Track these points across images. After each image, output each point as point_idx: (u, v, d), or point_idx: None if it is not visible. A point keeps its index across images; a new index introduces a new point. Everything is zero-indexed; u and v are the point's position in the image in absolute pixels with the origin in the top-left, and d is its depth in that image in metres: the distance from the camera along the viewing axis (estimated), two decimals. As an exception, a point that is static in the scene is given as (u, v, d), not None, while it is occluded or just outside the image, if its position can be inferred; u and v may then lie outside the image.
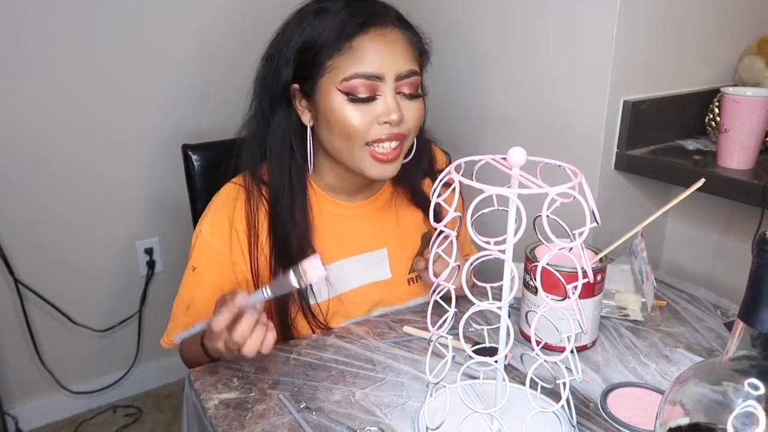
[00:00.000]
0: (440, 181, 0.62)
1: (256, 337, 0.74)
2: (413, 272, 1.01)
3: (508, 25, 1.29)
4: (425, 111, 0.94)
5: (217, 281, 0.92)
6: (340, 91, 0.83)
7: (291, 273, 0.76)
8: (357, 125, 0.84)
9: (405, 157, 0.92)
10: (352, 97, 0.83)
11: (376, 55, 0.83)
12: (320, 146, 0.91)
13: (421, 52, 0.90)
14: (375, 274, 0.99)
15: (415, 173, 0.99)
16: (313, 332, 0.93)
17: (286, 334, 0.92)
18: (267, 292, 0.77)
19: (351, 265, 0.97)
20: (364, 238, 0.98)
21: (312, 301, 0.93)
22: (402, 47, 0.85)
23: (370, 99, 0.84)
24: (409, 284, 1.02)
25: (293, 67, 0.86)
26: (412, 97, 0.87)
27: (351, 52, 0.82)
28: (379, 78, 0.83)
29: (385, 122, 0.84)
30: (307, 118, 0.89)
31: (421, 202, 1.01)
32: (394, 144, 0.86)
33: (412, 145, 0.93)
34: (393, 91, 0.84)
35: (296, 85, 0.88)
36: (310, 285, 0.91)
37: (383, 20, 0.84)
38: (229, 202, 0.92)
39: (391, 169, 0.88)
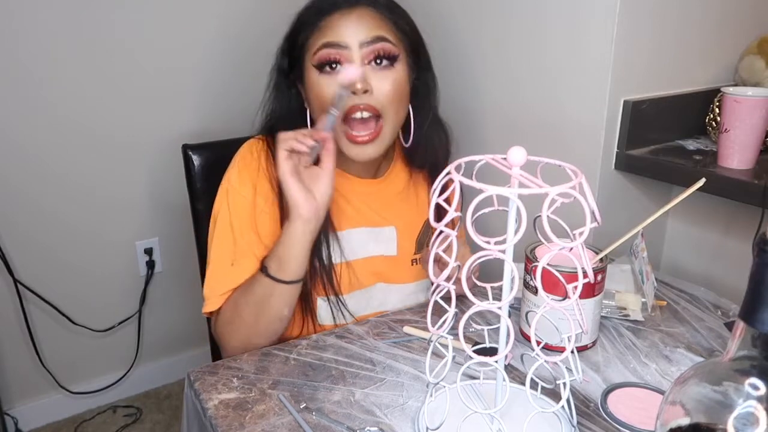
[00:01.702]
0: (440, 181, 0.62)
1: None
2: (419, 254, 1.04)
3: (508, 25, 1.28)
4: (435, 91, 0.99)
5: (253, 230, 0.93)
6: (313, 66, 0.89)
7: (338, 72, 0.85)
8: (326, 94, 0.88)
9: (405, 140, 0.97)
10: (321, 66, 0.88)
11: (342, 27, 0.88)
12: None
13: (400, 27, 0.92)
14: (381, 248, 1.01)
15: (430, 155, 1.02)
16: (327, 295, 0.95)
17: (304, 303, 0.94)
18: (333, 112, 0.84)
19: (358, 235, 0.99)
20: (373, 213, 1.01)
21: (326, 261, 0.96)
22: (371, 20, 0.89)
23: (335, 66, 0.88)
24: (412, 264, 1.04)
25: (287, 57, 0.94)
26: (381, 63, 0.89)
27: (321, 29, 0.89)
28: (343, 46, 0.87)
29: (352, 92, 0.87)
30: (307, 103, 0.95)
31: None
32: (366, 115, 0.89)
33: (416, 124, 0.96)
34: (361, 61, 0.88)
35: (293, 74, 0.95)
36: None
37: (354, 3, 0.89)
38: (254, 152, 0.96)
39: (369, 151, 0.91)
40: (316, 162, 0.86)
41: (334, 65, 0.88)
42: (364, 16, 0.89)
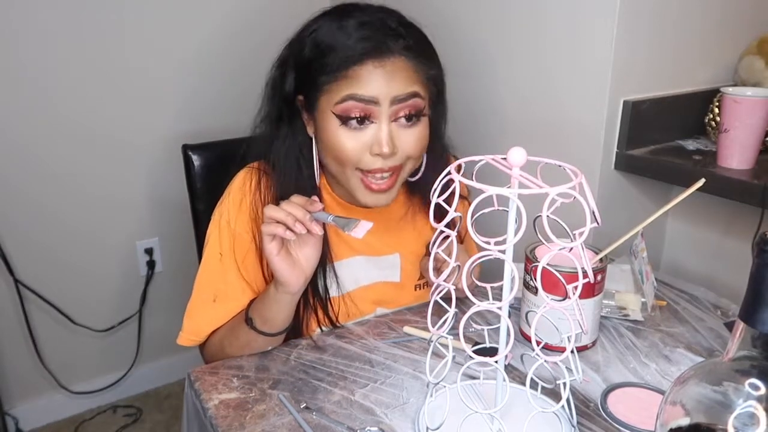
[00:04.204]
0: (440, 181, 0.62)
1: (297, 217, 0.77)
2: (422, 279, 1.02)
3: (508, 26, 1.28)
4: (445, 124, 0.94)
5: (243, 265, 0.90)
6: (334, 114, 0.82)
7: (351, 220, 0.78)
8: (348, 151, 0.83)
9: (414, 175, 0.92)
10: (345, 119, 0.82)
11: (373, 81, 0.80)
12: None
13: (430, 77, 0.86)
14: (384, 274, 0.99)
15: (431, 182, 0.97)
16: (320, 327, 0.93)
17: (296, 328, 0.92)
18: (330, 218, 0.79)
19: (361, 263, 0.97)
20: (376, 242, 0.98)
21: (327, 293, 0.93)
22: (403, 73, 0.82)
23: (362, 122, 0.82)
24: (415, 290, 1.02)
25: (296, 79, 0.86)
26: (410, 121, 0.84)
27: (347, 79, 0.81)
28: (373, 102, 0.81)
29: (377, 154, 0.82)
30: (311, 130, 0.89)
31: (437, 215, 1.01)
32: (386, 175, 0.85)
33: (421, 163, 0.92)
34: (388, 119, 0.82)
35: (301, 97, 0.87)
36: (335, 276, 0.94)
37: (387, 52, 0.81)
38: (247, 184, 0.92)
39: (384, 198, 0.87)
40: None
41: (360, 121, 0.81)
42: (398, 68, 0.81)
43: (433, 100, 0.90)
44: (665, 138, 1.20)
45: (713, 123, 1.16)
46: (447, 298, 0.64)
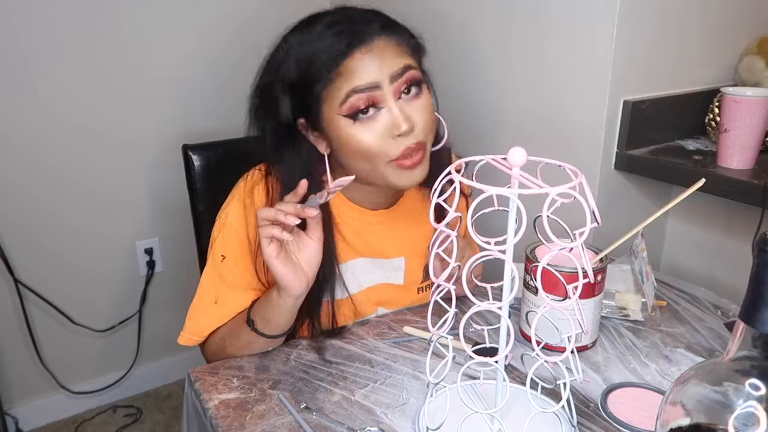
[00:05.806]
0: (441, 181, 0.62)
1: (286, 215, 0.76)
2: (425, 281, 1.01)
3: (508, 26, 1.28)
4: (436, 102, 0.92)
5: (246, 268, 0.90)
6: (342, 116, 0.81)
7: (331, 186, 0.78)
8: (372, 145, 0.82)
9: (436, 144, 0.90)
10: (354, 115, 0.81)
11: (367, 67, 0.80)
12: (341, 169, 0.89)
13: (413, 46, 0.87)
14: (387, 276, 0.99)
15: (438, 164, 0.94)
16: (333, 326, 0.93)
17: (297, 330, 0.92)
18: (319, 199, 0.78)
19: (365, 265, 0.97)
20: (382, 245, 0.97)
21: (327, 298, 0.92)
22: (391, 50, 0.82)
23: (367, 111, 0.81)
24: (418, 292, 1.02)
25: (292, 103, 0.85)
26: (413, 91, 0.83)
27: (341, 77, 0.80)
28: (375, 87, 0.80)
29: (398, 135, 0.81)
30: (323, 147, 0.88)
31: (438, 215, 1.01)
32: (417, 156, 0.84)
33: (441, 132, 0.91)
34: (394, 98, 0.81)
35: (302, 119, 0.86)
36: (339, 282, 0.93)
37: (367, 37, 0.81)
38: (253, 187, 0.92)
39: (419, 173, 0.85)
40: (303, 224, 0.81)
41: (369, 110, 0.81)
42: (383, 47, 0.81)
43: (423, 69, 0.89)
44: (665, 138, 1.20)
45: (713, 123, 1.16)
46: (447, 299, 0.64)
